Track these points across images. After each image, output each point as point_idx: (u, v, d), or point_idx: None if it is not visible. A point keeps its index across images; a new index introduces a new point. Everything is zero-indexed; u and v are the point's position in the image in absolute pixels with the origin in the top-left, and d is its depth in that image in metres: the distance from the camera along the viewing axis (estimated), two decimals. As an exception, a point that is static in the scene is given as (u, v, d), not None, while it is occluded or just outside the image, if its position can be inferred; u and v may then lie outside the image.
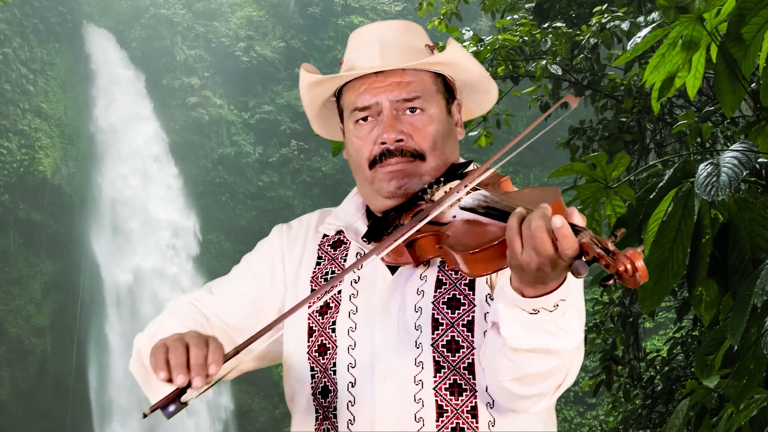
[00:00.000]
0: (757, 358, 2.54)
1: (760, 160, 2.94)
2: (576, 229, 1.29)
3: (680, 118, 4.52)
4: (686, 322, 7.21)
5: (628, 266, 1.21)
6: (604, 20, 6.23)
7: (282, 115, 31.99)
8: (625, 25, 6.13)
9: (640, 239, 2.87)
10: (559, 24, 6.68)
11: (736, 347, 2.53)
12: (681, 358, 6.85)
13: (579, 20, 7.21)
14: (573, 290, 1.46)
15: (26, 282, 27.63)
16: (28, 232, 27.88)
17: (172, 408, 1.40)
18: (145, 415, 1.41)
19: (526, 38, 6.29)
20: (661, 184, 2.78)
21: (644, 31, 3.01)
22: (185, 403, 1.41)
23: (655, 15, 5.78)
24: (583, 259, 1.27)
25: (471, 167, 1.72)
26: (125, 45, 31.91)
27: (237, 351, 1.50)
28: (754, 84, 3.04)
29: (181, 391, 1.42)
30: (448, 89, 1.79)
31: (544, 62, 6.09)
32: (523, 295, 1.41)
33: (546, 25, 6.84)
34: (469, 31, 6.20)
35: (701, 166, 2.60)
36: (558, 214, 1.30)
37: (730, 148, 2.80)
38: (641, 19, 6.20)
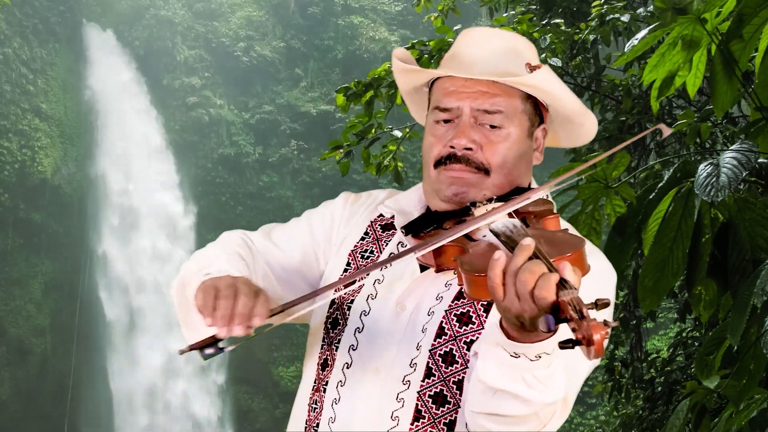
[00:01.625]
0: (757, 358, 2.54)
1: (760, 160, 2.94)
2: (564, 285, 1.27)
3: (679, 118, 4.51)
4: (686, 322, 7.20)
5: (586, 335, 1.20)
6: (603, 11, 6.17)
7: (282, 115, 31.99)
8: (625, 18, 6.07)
9: (639, 239, 2.87)
10: (557, 20, 6.63)
11: (736, 347, 2.53)
12: (681, 359, 6.84)
13: (580, 16, 7.16)
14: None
15: (26, 282, 27.64)
16: (28, 232, 27.88)
17: (209, 351, 1.43)
18: (182, 352, 1.43)
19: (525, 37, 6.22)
20: (661, 184, 2.78)
21: (642, 33, 3.02)
22: (222, 349, 1.44)
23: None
24: (559, 316, 1.25)
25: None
26: (125, 45, 31.92)
27: (283, 308, 1.50)
28: (752, 86, 3.04)
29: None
30: (538, 112, 1.76)
31: (543, 56, 6.04)
32: (510, 337, 1.38)
33: (545, 21, 6.80)
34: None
35: (701, 166, 2.60)
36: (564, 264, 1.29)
37: (729, 148, 2.80)
38: (641, 10, 6.15)
